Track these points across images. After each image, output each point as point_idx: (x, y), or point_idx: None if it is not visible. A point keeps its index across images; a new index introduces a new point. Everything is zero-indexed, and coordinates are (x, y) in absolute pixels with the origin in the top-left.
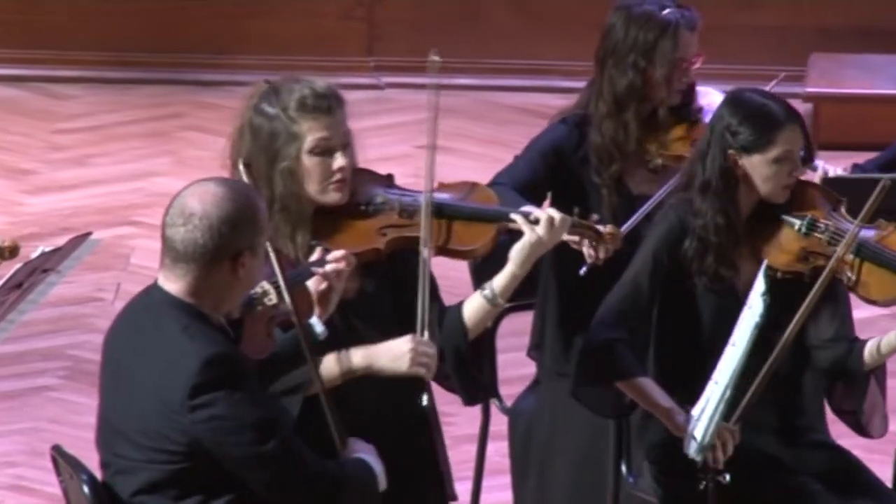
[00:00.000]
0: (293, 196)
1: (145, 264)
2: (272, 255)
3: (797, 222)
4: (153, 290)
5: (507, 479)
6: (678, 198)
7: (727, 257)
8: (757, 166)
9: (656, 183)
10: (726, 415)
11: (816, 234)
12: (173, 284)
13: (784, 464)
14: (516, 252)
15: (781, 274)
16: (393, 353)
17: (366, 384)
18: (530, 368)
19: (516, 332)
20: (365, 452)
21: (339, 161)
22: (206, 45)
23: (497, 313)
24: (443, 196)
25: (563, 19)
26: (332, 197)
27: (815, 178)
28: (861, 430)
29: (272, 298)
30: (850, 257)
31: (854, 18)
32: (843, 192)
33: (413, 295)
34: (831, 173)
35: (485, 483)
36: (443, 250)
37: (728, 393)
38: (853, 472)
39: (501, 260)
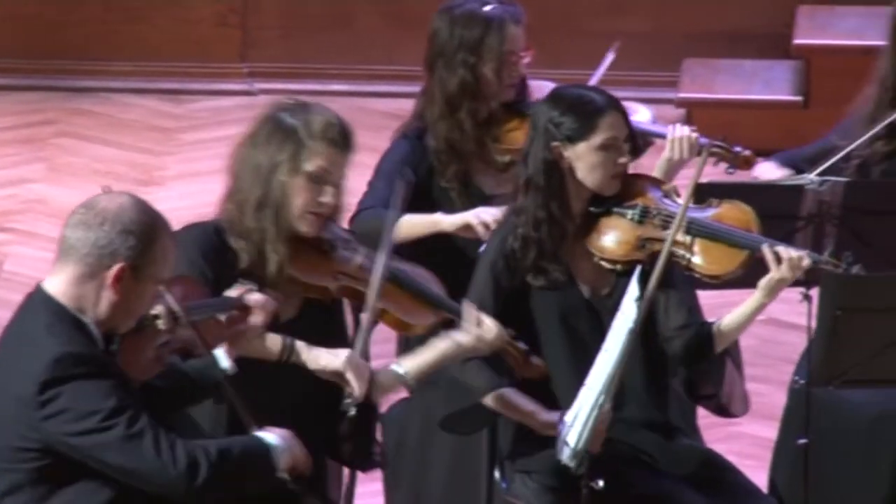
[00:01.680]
0: (284, 207)
1: (19, 271)
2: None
3: (629, 212)
4: (35, 289)
5: (378, 487)
6: (510, 206)
7: (551, 252)
8: (583, 155)
9: (509, 181)
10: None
11: (650, 220)
12: (53, 281)
13: (657, 464)
14: (445, 343)
15: (622, 266)
16: (332, 352)
17: (288, 388)
18: None
19: (389, 338)
20: (269, 432)
21: (327, 196)
22: (80, 51)
23: (402, 388)
24: (400, 266)
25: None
26: (306, 226)
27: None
28: (723, 411)
29: (163, 324)
30: (684, 237)
31: (726, 23)
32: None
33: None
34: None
35: (357, 490)
36: (385, 316)
37: (601, 399)
38: (724, 474)
39: None
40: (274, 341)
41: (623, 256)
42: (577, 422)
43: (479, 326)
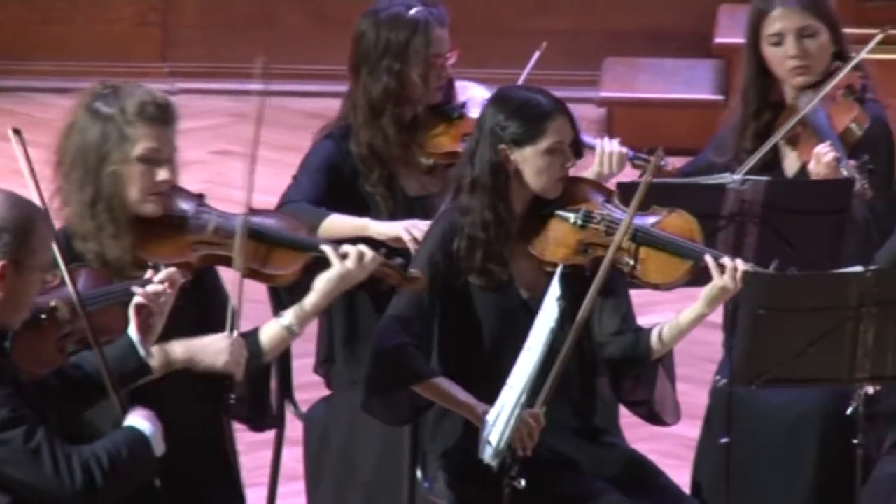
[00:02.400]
0: (117, 198)
1: None
2: (64, 273)
3: (572, 216)
4: None
5: (301, 486)
6: (450, 203)
7: (497, 253)
8: (529, 159)
9: (433, 184)
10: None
11: (592, 225)
12: None
13: (580, 466)
14: (321, 283)
15: (562, 269)
16: (213, 349)
17: (172, 382)
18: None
19: (311, 337)
20: (137, 416)
21: (163, 174)
22: (0, 50)
23: (293, 340)
24: (258, 220)
25: (353, 24)
26: (149, 208)
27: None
28: (654, 419)
29: (64, 314)
30: (628, 244)
31: (647, 23)
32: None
33: (217, 311)
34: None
35: (280, 489)
36: (254, 273)
37: (523, 398)
38: (647, 475)
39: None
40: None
41: (563, 260)
42: (500, 421)
43: (343, 258)
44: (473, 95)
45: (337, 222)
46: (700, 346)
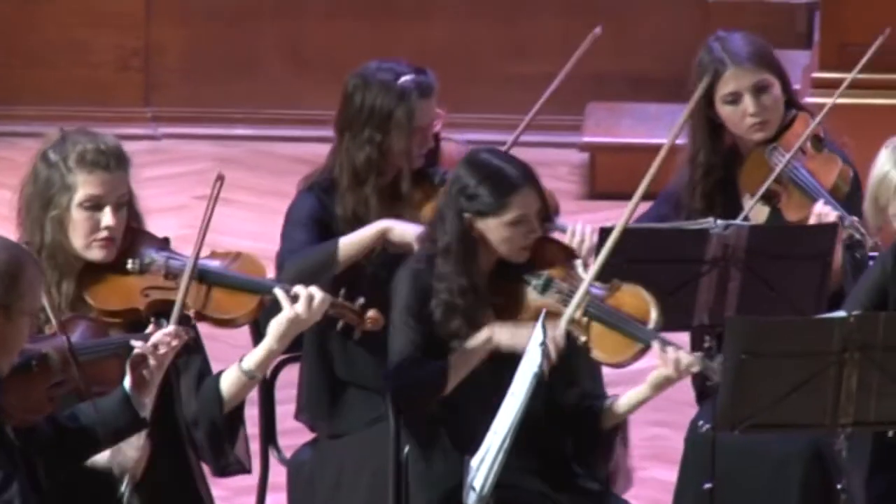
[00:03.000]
0: (59, 246)
1: None
2: (53, 320)
3: (533, 280)
4: None
5: None
6: (416, 260)
7: (473, 318)
8: (493, 229)
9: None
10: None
11: (551, 293)
12: None
13: None
14: (273, 327)
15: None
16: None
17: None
18: None
19: (295, 382)
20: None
21: (107, 219)
22: None
23: (255, 385)
24: (210, 263)
25: (337, 70)
26: (96, 254)
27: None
28: (605, 486)
29: (55, 363)
30: (582, 318)
31: (630, 67)
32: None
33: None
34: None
35: None
36: (202, 317)
37: (507, 442)
38: None
39: None
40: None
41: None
42: (484, 465)
43: (294, 301)
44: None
45: (353, 240)
46: (678, 390)
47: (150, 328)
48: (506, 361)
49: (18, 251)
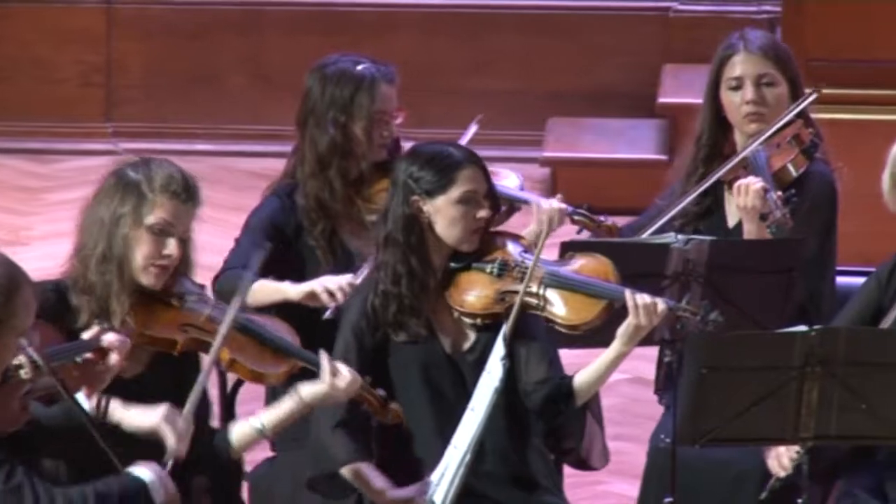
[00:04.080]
0: (125, 260)
1: None
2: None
3: (489, 266)
4: None
5: None
6: (366, 283)
7: (411, 307)
8: (442, 209)
9: (373, 239)
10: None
11: (509, 274)
12: None
13: None
14: (306, 394)
15: (482, 319)
16: (148, 409)
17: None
18: None
19: (256, 397)
20: (139, 466)
21: (170, 247)
22: None
23: (263, 441)
24: (250, 317)
25: (298, 85)
26: (149, 279)
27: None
28: (582, 464)
29: (27, 372)
30: (541, 289)
31: (591, 83)
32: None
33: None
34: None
35: None
36: (234, 365)
37: (468, 457)
38: None
39: None
40: (91, 400)
41: (482, 310)
42: (444, 481)
43: (334, 375)
44: None
45: (260, 289)
46: (640, 404)
47: (93, 331)
48: (464, 372)
49: (16, 269)
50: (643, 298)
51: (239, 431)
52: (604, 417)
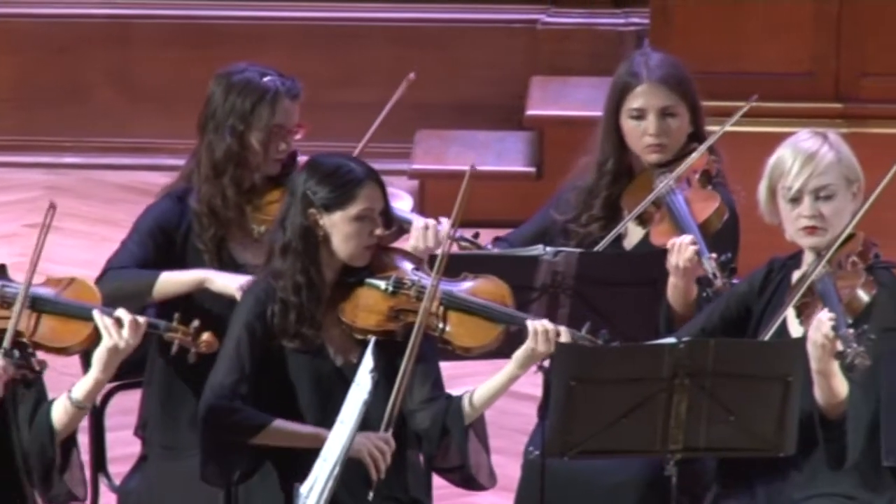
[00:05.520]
0: None
1: None
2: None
3: (382, 283)
4: None
5: None
6: (263, 269)
7: (309, 317)
8: (338, 224)
9: (262, 253)
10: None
11: (403, 292)
12: None
13: None
14: (96, 357)
15: (375, 336)
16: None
17: None
18: (138, 447)
19: (125, 409)
20: None
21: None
22: None
23: (85, 415)
24: (42, 290)
25: (167, 98)
26: None
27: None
28: (469, 483)
29: None
30: (438, 309)
31: (459, 95)
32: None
33: None
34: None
35: None
36: (36, 345)
37: (337, 470)
38: None
39: None
40: None
41: (376, 326)
42: (313, 493)
43: (123, 323)
44: None
45: (172, 279)
46: (512, 417)
47: None
48: (325, 377)
49: None
50: (544, 325)
51: (57, 410)
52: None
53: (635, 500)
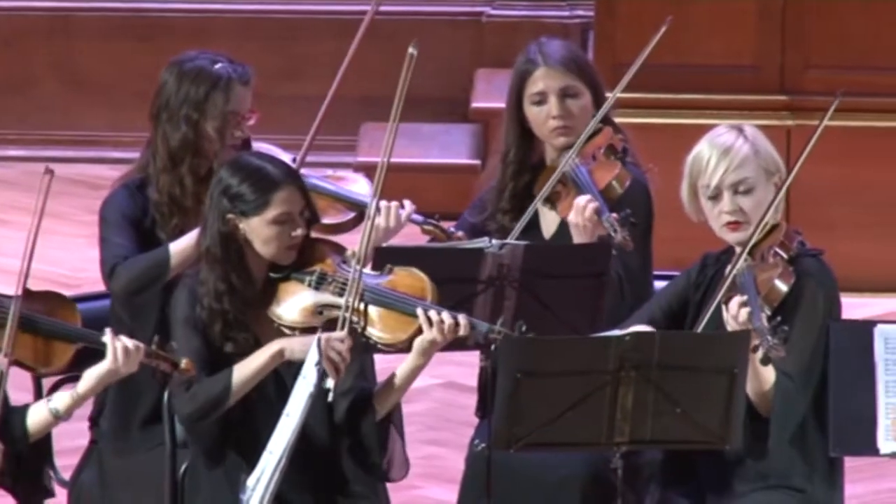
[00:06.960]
0: None
1: None
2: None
3: (307, 277)
4: None
5: None
6: (189, 275)
7: (236, 321)
8: (256, 228)
9: None
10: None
11: (326, 287)
12: None
13: None
14: (89, 375)
15: (300, 333)
16: None
17: None
18: (85, 440)
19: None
20: None
21: None
22: None
23: (58, 423)
24: (32, 312)
25: (111, 90)
26: None
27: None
28: (383, 476)
29: None
30: (359, 305)
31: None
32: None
33: None
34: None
35: None
36: (17, 363)
37: (283, 462)
38: None
39: None
40: None
41: (302, 323)
42: (259, 486)
43: (117, 351)
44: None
45: (182, 246)
46: (455, 409)
47: None
48: (287, 382)
49: None
50: (438, 315)
51: (34, 415)
52: (414, 423)
53: (580, 493)
